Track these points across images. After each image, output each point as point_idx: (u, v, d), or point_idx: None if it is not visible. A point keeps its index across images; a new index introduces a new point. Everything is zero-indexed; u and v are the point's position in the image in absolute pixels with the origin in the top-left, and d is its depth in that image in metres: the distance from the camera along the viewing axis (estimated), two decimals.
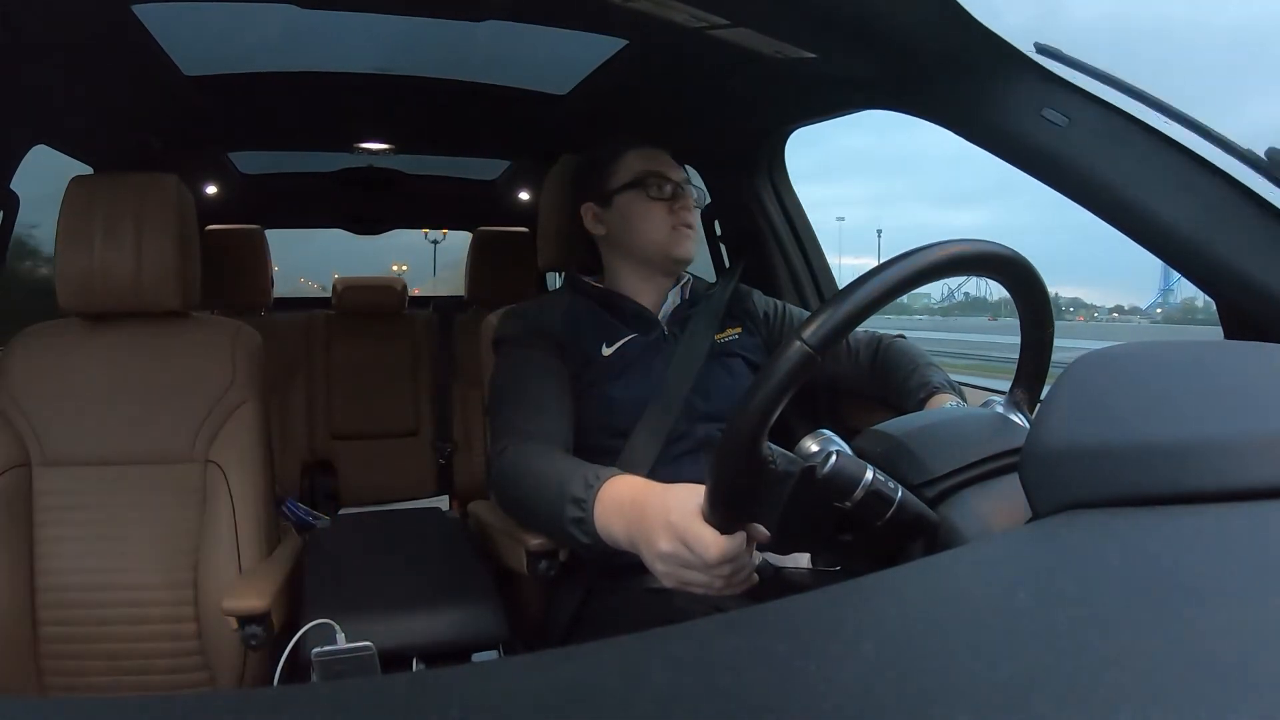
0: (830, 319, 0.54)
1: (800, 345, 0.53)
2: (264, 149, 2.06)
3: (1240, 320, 0.75)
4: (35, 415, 1.13)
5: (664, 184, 1.10)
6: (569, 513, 0.77)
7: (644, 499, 0.70)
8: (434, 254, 6.44)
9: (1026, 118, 0.82)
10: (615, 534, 0.73)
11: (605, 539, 0.74)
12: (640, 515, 0.69)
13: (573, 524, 0.77)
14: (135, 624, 1.11)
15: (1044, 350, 0.65)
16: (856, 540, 0.59)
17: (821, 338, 0.53)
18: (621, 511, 0.72)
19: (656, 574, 0.68)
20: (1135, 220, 0.77)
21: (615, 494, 0.75)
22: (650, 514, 0.68)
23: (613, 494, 0.75)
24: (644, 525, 0.68)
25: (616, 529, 0.73)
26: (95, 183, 1.20)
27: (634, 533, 0.70)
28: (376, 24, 1.25)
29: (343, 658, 0.85)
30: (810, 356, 0.53)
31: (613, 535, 0.73)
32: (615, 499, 0.74)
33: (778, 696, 0.26)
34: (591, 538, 0.75)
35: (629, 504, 0.72)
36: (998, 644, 0.29)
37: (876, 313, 0.56)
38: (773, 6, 0.90)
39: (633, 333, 1.08)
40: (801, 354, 0.53)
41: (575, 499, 0.77)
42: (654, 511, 0.67)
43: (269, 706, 0.28)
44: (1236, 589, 0.31)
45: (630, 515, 0.71)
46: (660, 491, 0.69)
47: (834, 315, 0.54)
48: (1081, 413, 0.41)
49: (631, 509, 0.71)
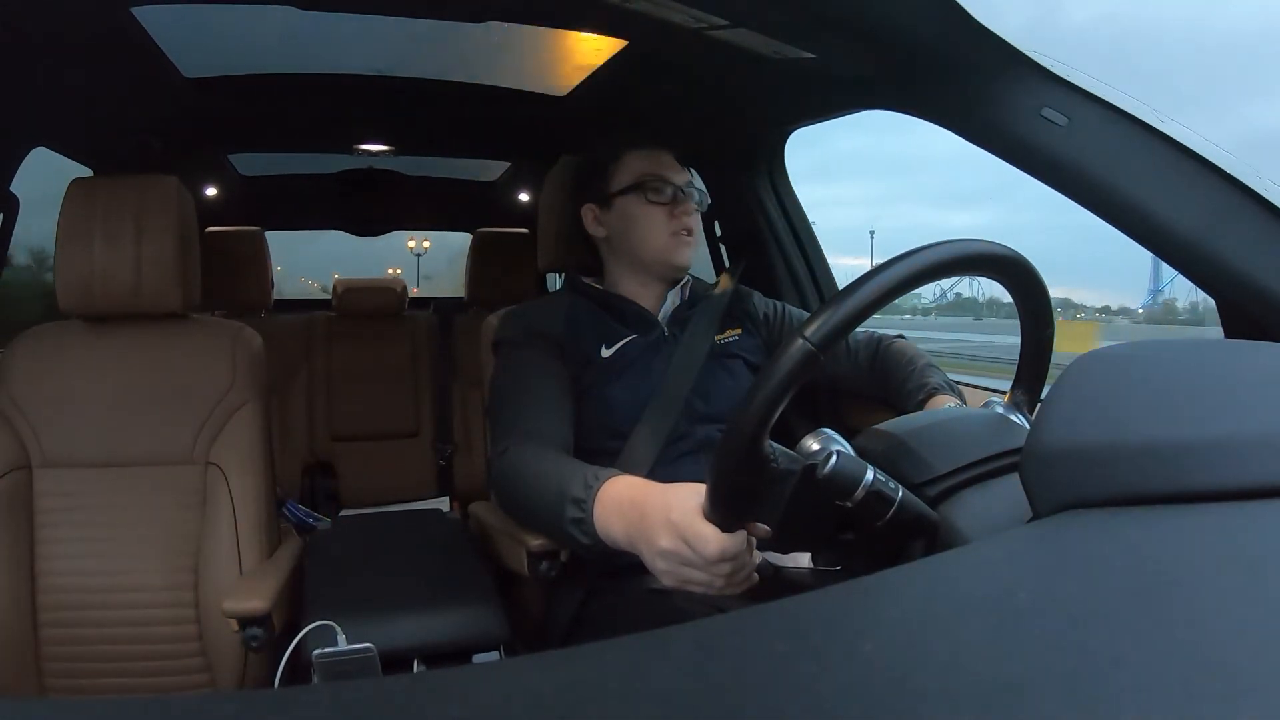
0: (832, 317, 0.54)
1: (803, 343, 0.54)
2: (264, 150, 2.06)
3: (1240, 320, 0.75)
4: (36, 417, 1.13)
5: (664, 187, 1.08)
6: (569, 513, 0.77)
7: (644, 498, 0.70)
8: (417, 265, 6.52)
9: (1026, 118, 0.82)
10: (615, 534, 0.73)
11: (605, 539, 0.74)
12: (640, 515, 0.69)
13: (572, 524, 0.77)
14: (136, 625, 1.11)
15: (1044, 351, 0.65)
16: (857, 540, 0.59)
17: (824, 336, 0.54)
18: (621, 511, 0.72)
19: (657, 573, 0.68)
20: (1135, 220, 0.77)
21: (615, 494, 0.75)
22: (650, 513, 0.68)
23: (612, 494, 0.75)
24: (644, 524, 0.68)
25: (616, 529, 0.73)
26: (95, 184, 1.20)
27: (634, 532, 0.70)
28: (376, 25, 1.25)
29: (344, 659, 0.84)
30: (813, 354, 0.53)
31: (612, 535, 0.73)
32: (615, 499, 0.74)
33: (778, 696, 0.26)
34: (591, 538, 0.75)
35: (629, 504, 0.72)
36: (998, 644, 0.29)
37: (877, 312, 0.56)
38: (773, 7, 0.90)
39: (632, 334, 1.08)
40: (804, 352, 0.53)
41: (575, 499, 0.77)
42: (654, 510, 0.67)
43: (270, 708, 0.28)
44: (1236, 588, 0.31)
45: (630, 515, 0.71)
46: (660, 491, 0.69)
47: (836, 314, 0.54)
48: (1081, 413, 0.41)
49: (631, 509, 0.71)
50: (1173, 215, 0.75)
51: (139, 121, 1.57)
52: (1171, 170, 0.76)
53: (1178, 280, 1.06)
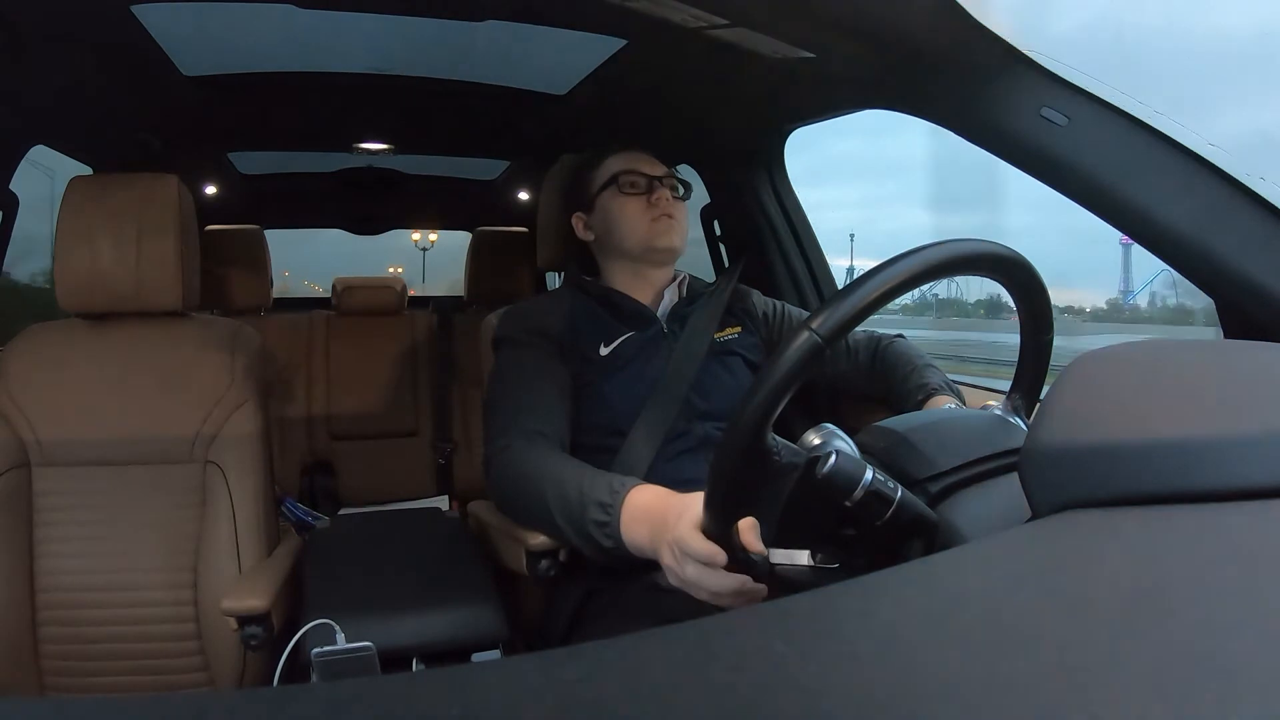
0: (839, 310, 0.54)
1: (809, 335, 0.54)
2: (263, 149, 2.06)
3: (1240, 320, 0.75)
4: (35, 415, 1.13)
5: (639, 179, 1.11)
6: (592, 515, 0.80)
7: (665, 508, 0.74)
8: (423, 260, 6.45)
9: (1026, 118, 0.82)
10: (640, 539, 0.76)
11: (629, 544, 0.78)
12: (663, 523, 0.73)
13: (596, 526, 0.80)
14: (135, 625, 1.11)
15: (1042, 356, 0.66)
16: (856, 538, 0.59)
17: (831, 329, 0.54)
18: (649, 518, 0.76)
19: (675, 583, 0.71)
20: (1135, 220, 0.77)
21: (641, 501, 0.78)
22: (667, 524, 0.71)
23: (639, 501, 0.78)
24: (663, 533, 0.72)
25: (641, 535, 0.76)
26: (95, 183, 1.20)
27: (656, 539, 0.73)
28: (376, 24, 1.25)
29: (343, 658, 0.84)
30: (819, 346, 0.54)
31: (637, 541, 0.77)
32: (642, 506, 0.78)
33: (778, 696, 0.26)
34: (615, 541, 0.79)
35: (655, 512, 0.75)
36: (998, 644, 0.29)
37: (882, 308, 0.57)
38: (772, 6, 0.90)
39: (630, 331, 1.08)
40: (811, 343, 0.54)
41: (600, 503, 0.80)
42: (668, 522, 0.71)
43: (269, 706, 0.28)
44: (1236, 588, 0.31)
45: (655, 522, 0.74)
46: (677, 503, 0.73)
47: (843, 307, 0.55)
48: (1081, 412, 0.41)
49: (656, 516, 0.75)
50: (1172, 215, 0.75)
51: (139, 120, 1.57)
52: (1171, 170, 0.76)
53: (1152, 280, 1.06)
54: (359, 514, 1.59)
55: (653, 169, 1.14)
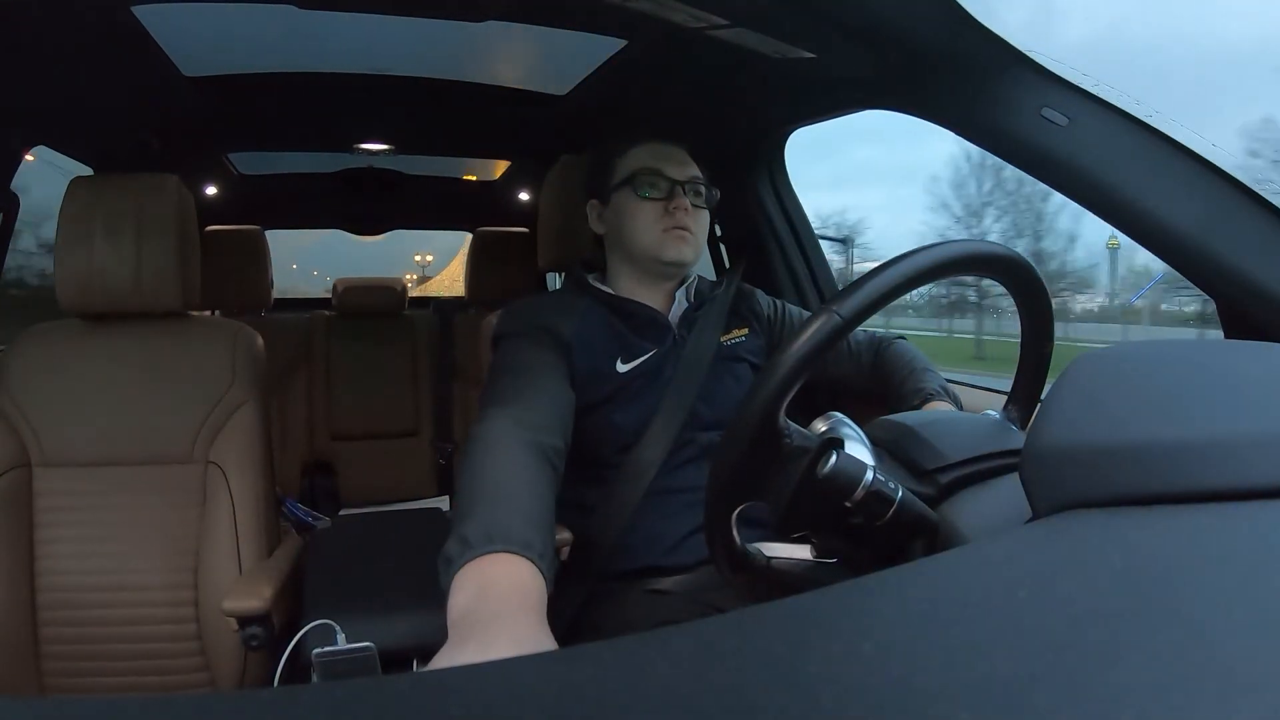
0: (861, 293, 0.55)
1: (831, 314, 0.55)
2: (263, 149, 2.06)
3: (1240, 320, 0.75)
4: (36, 416, 1.13)
5: (658, 182, 1.04)
6: (448, 547, 0.64)
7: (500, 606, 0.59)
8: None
9: (1026, 118, 0.82)
10: (456, 602, 0.60)
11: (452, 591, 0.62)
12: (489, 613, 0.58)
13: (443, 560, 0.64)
14: (136, 625, 1.11)
15: (1041, 367, 0.66)
16: (860, 532, 0.59)
17: (852, 310, 0.55)
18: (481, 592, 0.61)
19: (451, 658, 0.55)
20: (1135, 220, 0.77)
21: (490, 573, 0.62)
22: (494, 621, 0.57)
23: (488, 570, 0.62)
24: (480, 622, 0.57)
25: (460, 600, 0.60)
26: (95, 183, 1.20)
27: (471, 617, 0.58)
28: (376, 24, 1.25)
29: (343, 658, 0.84)
30: (841, 325, 0.54)
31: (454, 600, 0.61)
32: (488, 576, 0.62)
33: (778, 696, 0.26)
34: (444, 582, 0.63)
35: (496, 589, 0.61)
36: (998, 644, 0.29)
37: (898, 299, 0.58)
38: (773, 6, 0.90)
39: (649, 345, 1.03)
40: (833, 323, 0.54)
41: (462, 537, 0.64)
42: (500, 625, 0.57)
43: (269, 707, 0.28)
44: (1236, 588, 0.31)
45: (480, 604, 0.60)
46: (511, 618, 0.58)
47: (865, 289, 0.55)
48: (1081, 412, 0.41)
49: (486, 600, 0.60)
50: (1172, 215, 0.75)
51: (139, 120, 1.57)
52: (1172, 170, 0.76)
53: (1147, 288, 1.06)
54: (359, 515, 1.59)
55: (679, 170, 1.06)
